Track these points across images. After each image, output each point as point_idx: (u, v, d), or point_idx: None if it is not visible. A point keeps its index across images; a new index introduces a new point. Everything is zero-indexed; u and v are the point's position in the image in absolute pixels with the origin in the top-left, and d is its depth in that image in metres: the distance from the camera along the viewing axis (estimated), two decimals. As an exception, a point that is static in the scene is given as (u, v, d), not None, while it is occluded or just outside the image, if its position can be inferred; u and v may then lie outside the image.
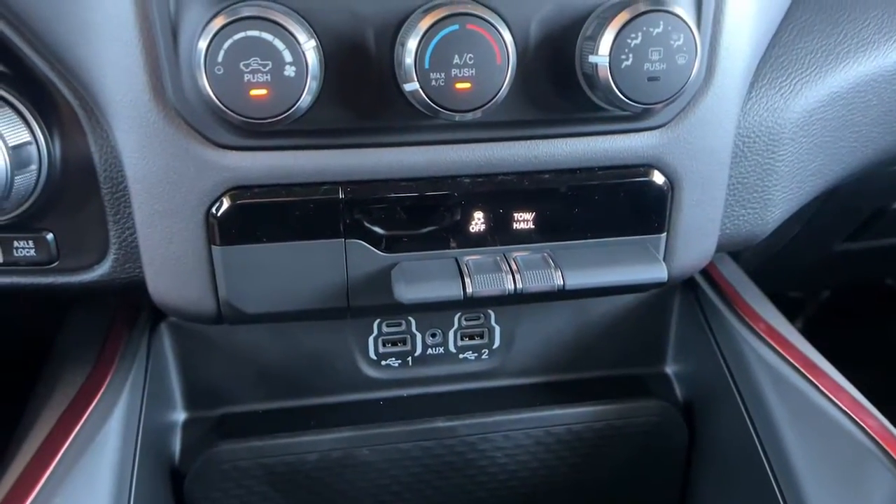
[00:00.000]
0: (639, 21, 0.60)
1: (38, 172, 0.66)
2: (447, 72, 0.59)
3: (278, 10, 0.58)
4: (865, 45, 0.80)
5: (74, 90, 0.67)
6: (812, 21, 0.80)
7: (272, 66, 0.57)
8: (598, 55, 0.61)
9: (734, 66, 0.71)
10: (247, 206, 0.66)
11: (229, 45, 0.56)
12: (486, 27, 0.59)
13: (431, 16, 0.58)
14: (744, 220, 0.80)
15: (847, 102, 0.80)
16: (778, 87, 0.77)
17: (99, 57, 0.63)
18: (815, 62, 0.78)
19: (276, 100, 0.58)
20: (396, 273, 0.69)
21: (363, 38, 0.62)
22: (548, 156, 0.69)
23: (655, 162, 0.71)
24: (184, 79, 0.61)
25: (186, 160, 0.64)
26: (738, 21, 0.70)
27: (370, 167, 0.67)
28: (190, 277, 0.69)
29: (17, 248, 0.70)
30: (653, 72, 0.61)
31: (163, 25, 0.60)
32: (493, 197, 0.70)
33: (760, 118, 0.76)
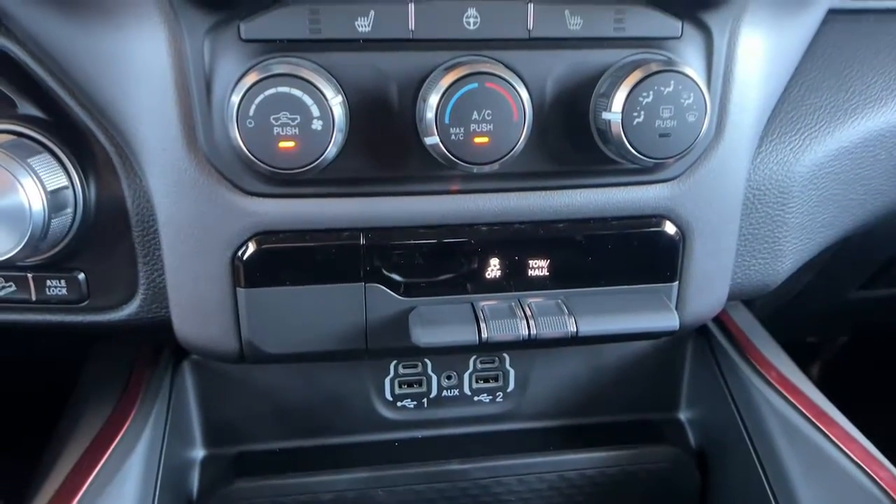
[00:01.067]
0: (651, 80, 0.63)
1: (73, 215, 0.69)
2: (466, 127, 0.62)
3: (307, 66, 0.61)
4: (873, 102, 0.82)
5: (110, 137, 0.70)
6: (821, 77, 0.82)
7: (300, 120, 0.60)
8: (612, 112, 0.64)
9: (744, 123, 0.73)
10: (271, 251, 0.69)
11: (260, 100, 0.59)
12: (504, 85, 0.61)
13: (452, 74, 0.61)
14: (755, 270, 0.81)
15: (856, 157, 0.82)
16: (787, 142, 0.79)
17: (136, 107, 0.66)
18: (824, 118, 0.80)
19: (304, 152, 0.60)
20: (414, 317, 0.71)
21: (387, 94, 0.65)
22: (562, 206, 0.72)
23: (667, 213, 0.73)
24: (216, 129, 0.64)
25: (215, 206, 0.67)
26: (748, 80, 0.72)
27: (390, 215, 0.69)
28: (215, 317, 0.71)
29: (50, 287, 0.73)
30: (664, 128, 0.64)
31: (197, 79, 0.63)
32: (508, 244, 0.72)
33: (770, 172, 0.78)
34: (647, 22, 0.66)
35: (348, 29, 0.63)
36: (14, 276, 0.72)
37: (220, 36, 0.62)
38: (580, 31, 0.65)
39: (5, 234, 0.64)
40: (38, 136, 0.68)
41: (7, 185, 0.63)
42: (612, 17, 0.66)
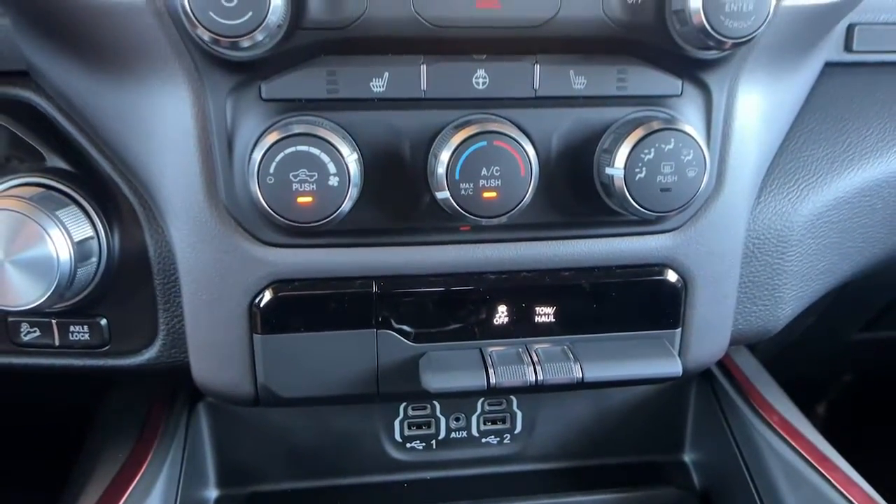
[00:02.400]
0: (652, 138, 0.66)
1: (98, 264, 0.72)
2: (475, 182, 0.64)
3: (325, 125, 0.64)
4: (869, 153, 0.85)
5: (134, 189, 0.73)
6: (818, 129, 0.85)
7: (318, 177, 0.63)
8: (614, 167, 0.67)
9: (743, 175, 0.76)
10: (287, 299, 0.71)
11: (280, 158, 0.62)
12: (512, 143, 0.64)
13: (462, 132, 0.64)
14: (756, 316, 0.83)
15: (853, 206, 0.84)
16: (786, 192, 0.81)
17: (160, 162, 0.69)
18: (821, 169, 0.83)
19: (321, 206, 0.63)
20: (424, 363, 0.73)
21: (400, 149, 0.68)
22: (568, 255, 0.74)
23: (669, 262, 0.76)
24: (236, 183, 0.67)
25: (234, 255, 0.70)
26: (746, 134, 0.75)
27: (402, 264, 0.72)
28: (231, 363, 0.74)
29: (73, 333, 0.75)
30: (665, 184, 0.67)
31: (220, 137, 0.66)
32: (515, 292, 0.74)
33: (769, 221, 0.81)
34: (648, 81, 0.69)
35: (364, 89, 0.66)
36: (39, 322, 0.75)
37: (242, 96, 0.66)
38: (584, 89, 0.69)
39: (34, 283, 0.66)
40: (65, 188, 0.71)
41: (36, 236, 0.66)
42: (615, 76, 0.69)
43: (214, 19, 0.57)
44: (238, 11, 0.57)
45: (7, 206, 0.66)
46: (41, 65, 0.73)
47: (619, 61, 0.69)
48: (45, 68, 0.73)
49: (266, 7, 0.57)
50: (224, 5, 0.57)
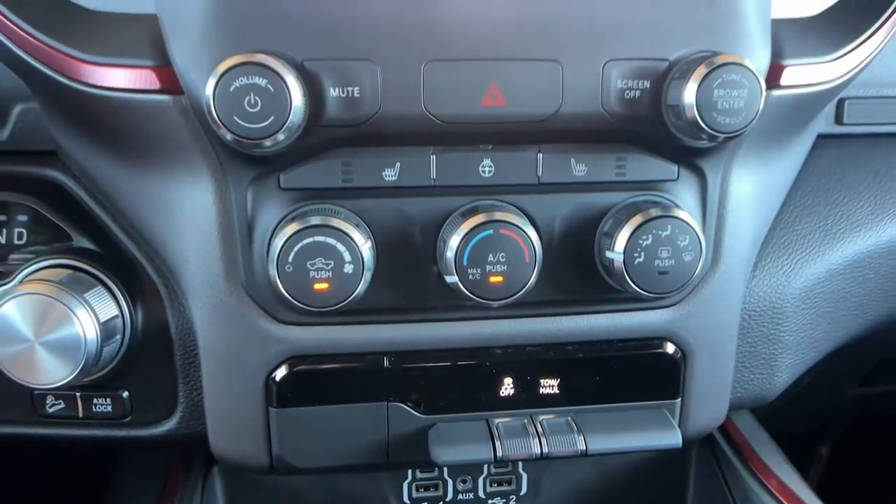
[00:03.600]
0: (650, 224, 0.69)
1: (122, 341, 0.75)
2: (482, 268, 0.68)
3: (340, 214, 0.68)
4: (860, 226, 0.88)
5: (157, 268, 0.77)
6: (811, 203, 0.89)
7: (334, 265, 0.66)
8: (614, 252, 0.70)
9: (738, 252, 0.79)
10: (302, 373, 0.75)
11: (298, 249, 0.65)
12: (517, 231, 0.68)
13: (470, 221, 0.68)
14: (753, 385, 0.86)
15: (846, 277, 0.87)
16: (780, 265, 0.85)
17: (183, 245, 0.73)
18: (814, 242, 0.86)
19: (336, 292, 0.67)
20: (433, 435, 0.76)
21: (411, 234, 0.72)
22: (571, 330, 0.77)
23: (669, 335, 0.79)
24: (255, 267, 0.71)
25: (252, 333, 0.73)
26: (741, 213, 0.78)
27: (412, 339, 0.75)
28: (248, 434, 0.77)
29: (96, 405, 0.78)
30: (662, 267, 0.70)
31: (240, 224, 0.70)
32: (521, 365, 0.78)
33: (765, 294, 0.84)
34: (645, 167, 0.73)
35: (377, 178, 0.70)
36: (64, 395, 0.78)
37: (262, 185, 0.69)
38: (585, 176, 0.72)
39: (62, 362, 0.70)
40: (91, 269, 0.75)
41: (64, 318, 0.70)
42: (614, 163, 0.73)
43: (239, 123, 0.61)
44: (261, 115, 0.61)
45: (37, 289, 0.69)
46: (68, 146, 0.78)
47: (618, 149, 0.72)
48: (72, 150, 0.77)
49: (288, 111, 0.61)
50: (248, 110, 0.61)
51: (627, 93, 0.69)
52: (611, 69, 0.68)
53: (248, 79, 0.60)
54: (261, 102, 0.61)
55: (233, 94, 0.60)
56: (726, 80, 0.65)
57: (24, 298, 0.69)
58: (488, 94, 0.67)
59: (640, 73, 0.68)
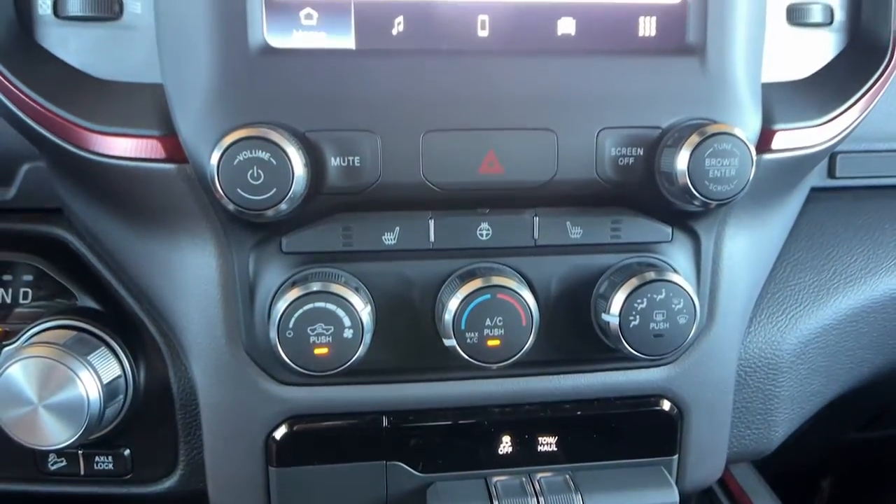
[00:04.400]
0: (644, 288, 0.70)
1: (124, 400, 0.76)
2: (480, 332, 0.69)
3: (340, 278, 0.69)
4: (854, 280, 0.89)
5: (160, 327, 0.78)
6: (804, 258, 0.90)
7: (334, 330, 0.67)
8: (610, 314, 0.71)
9: (733, 309, 0.81)
10: (302, 433, 0.75)
11: (299, 315, 0.66)
12: (514, 295, 0.69)
13: (468, 285, 0.69)
14: (749, 439, 0.87)
15: (840, 332, 0.88)
16: (775, 321, 0.86)
17: (185, 306, 0.74)
18: (808, 297, 0.88)
19: (336, 356, 0.68)
20: (431, 494, 0.77)
21: (409, 296, 0.73)
22: (568, 388, 0.78)
23: (665, 392, 0.80)
24: (256, 330, 0.72)
25: (252, 393, 0.74)
26: (735, 272, 0.80)
27: (410, 399, 0.76)
28: (248, 493, 0.77)
29: (98, 462, 0.79)
30: (657, 330, 0.71)
31: (242, 287, 0.71)
32: (519, 424, 0.78)
33: (760, 350, 0.85)
34: (640, 229, 0.74)
35: (376, 242, 0.71)
36: (66, 452, 0.79)
37: (264, 249, 0.71)
38: (580, 238, 0.74)
39: (65, 424, 0.71)
40: (95, 329, 0.76)
41: (68, 380, 0.71)
42: (609, 225, 0.74)
43: (242, 195, 0.63)
44: (264, 188, 0.63)
45: (41, 352, 0.70)
46: (74, 206, 0.79)
47: (613, 212, 0.74)
48: (78, 209, 0.79)
49: (290, 183, 0.63)
50: (251, 182, 0.62)
51: (621, 160, 0.70)
52: (605, 137, 0.70)
53: (251, 152, 0.62)
54: (263, 175, 0.62)
55: (236, 168, 0.62)
56: (718, 150, 0.67)
57: (29, 362, 0.70)
58: (485, 163, 0.69)
59: (634, 141, 0.70)
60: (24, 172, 0.81)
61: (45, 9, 0.72)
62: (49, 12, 0.71)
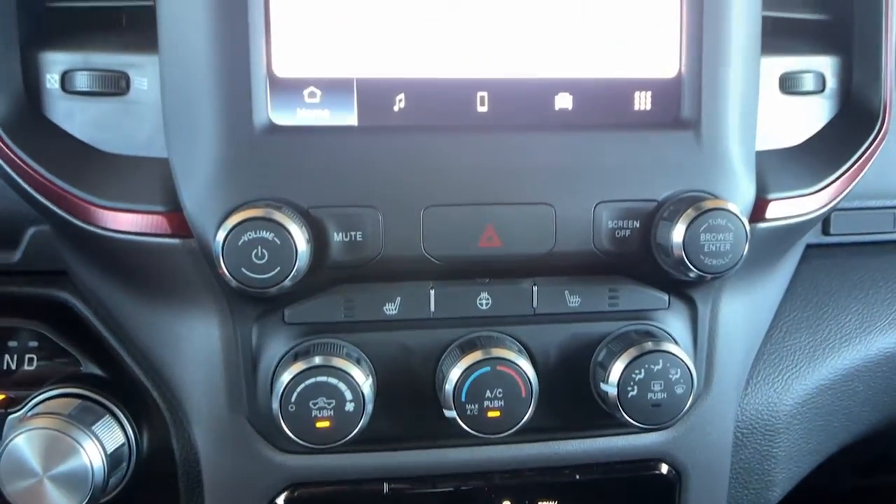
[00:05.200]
0: (642, 359, 0.71)
1: (127, 468, 0.77)
2: (480, 403, 0.70)
3: (342, 351, 0.70)
4: (848, 340, 0.90)
5: (163, 394, 0.79)
6: (800, 318, 0.91)
7: (336, 404, 0.68)
8: (608, 384, 0.72)
9: (730, 372, 0.82)
10: (303, 500, 0.76)
11: (301, 389, 0.67)
12: (513, 367, 0.70)
13: (468, 357, 0.70)
14: (747, 499, 0.88)
15: (836, 391, 0.89)
16: (771, 382, 0.87)
17: (188, 374, 0.75)
18: (804, 358, 0.89)
19: (337, 429, 0.68)
20: (433, 560, 0.78)
21: (410, 365, 0.74)
22: (568, 453, 0.79)
23: (663, 456, 0.81)
24: (259, 399, 0.73)
25: (254, 460, 0.75)
26: (731, 336, 0.81)
27: (411, 466, 0.77)
28: (250, 558, 0.78)
29: (101, 528, 0.79)
30: (655, 400, 0.72)
31: (245, 358, 0.72)
32: (519, 489, 0.79)
33: (757, 411, 0.86)
34: (637, 297, 0.76)
35: (378, 312, 0.72)
36: (69, 519, 0.79)
37: (267, 320, 0.72)
38: (579, 307, 0.75)
39: (70, 495, 0.71)
40: (100, 398, 0.77)
41: (72, 451, 0.71)
42: (607, 294, 0.75)
43: (246, 274, 0.64)
44: (268, 267, 0.64)
45: (45, 424, 0.71)
46: (78, 271, 0.80)
47: (610, 280, 0.75)
48: (82, 275, 0.80)
49: (293, 262, 0.64)
50: (255, 262, 0.64)
51: (618, 232, 0.72)
52: (601, 210, 0.71)
53: (255, 233, 0.63)
54: (268, 255, 0.64)
55: (241, 248, 0.63)
56: (713, 225, 0.68)
57: (33, 433, 0.70)
58: (484, 237, 0.70)
59: (630, 214, 0.71)
60: (30, 236, 0.82)
61: (53, 83, 0.73)
62: (57, 86, 0.73)
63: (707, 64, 0.72)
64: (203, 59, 0.67)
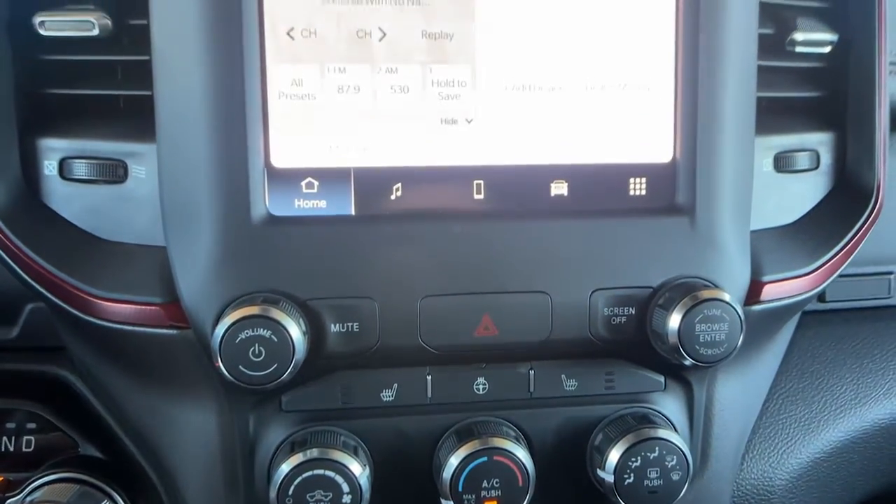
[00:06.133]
0: (638, 447, 0.72)
1: (125, 551, 0.77)
2: (477, 493, 0.70)
3: (340, 440, 0.70)
4: (843, 411, 0.91)
5: (160, 475, 0.79)
6: (795, 389, 0.91)
7: (332, 496, 0.68)
8: (605, 471, 0.72)
9: (725, 449, 0.82)
10: (301, 583, 0.76)
11: (298, 482, 0.67)
12: (510, 457, 0.70)
13: (464, 448, 0.70)
14: (745, 574, 0.88)
15: (831, 463, 0.90)
16: (767, 457, 0.87)
17: (186, 459, 0.75)
18: (799, 430, 0.89)
19: (335, 523, 0.69)
20: None
21: (407, 450, 0.74)
22: (567, 538, 0.79)
23: (660, 536, 0.81)
24: (256, 485, 0.73)
25: (253, 545, 0.75)
26: (727, 414, 0.81)
27: (409, 547, 0.77)
28: None
29: None
30: (651, 487, 0.72)
31: (242, 445, 0.72)
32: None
33: (752, 485, 0.86)
34: (633, 380, 0.76)
35: (375, 399, 0.72)
36: None
37: (264, 408, 0.72)
38: (575, 390, 0.75)
39: (66, 584, 0.71)
40: (98, 482, 0.77)
41: (70, 539, 0.71)
42: (603, 377, 0.75)
43: (243, 371, 0.64)
44: (265, 364, 0.64)
45: (44, 512, 0.71)
46: (75, 349, 0.80)
47: (606, 363, 0.75)
48: (80, 355, 0.80)
49: (290, 359, 0.64)
50: (252, 360, 0.64)
51: (613, 319, 0.72)
52: (597, 298, 0.72)
53: (252, 331, 0.64)
54: (265, 352, 0.64)
55: (238, 346, 0.63)
56: (707, 315, 0.69)
57: (31, 523, 0.71)
58: (481, 326, 0.70)
59: (626, 301, 0.72)
60: (28, 312, 0.82)
61: (51, 169, 0.73)
62: (55, 173, 0.73)
63: (701, 149, 0.73)
64: (201, 151, 0.68)
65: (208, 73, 0.67)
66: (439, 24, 0.69)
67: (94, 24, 0.70)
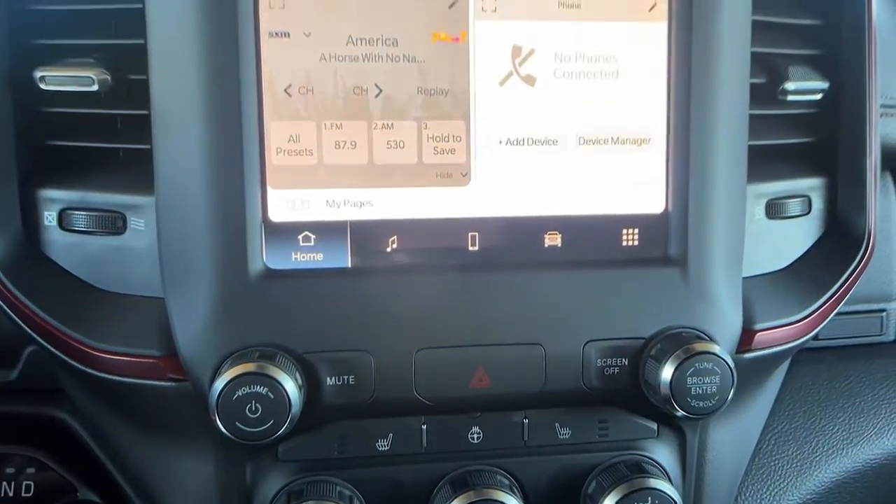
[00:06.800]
0: (631, 496, 0.72)
1: None
2: (472, 543, 0.71)
3: (335, 489, 0.71)
4: (836, 451, 0.92)
5: (161, 523, 0.80)
6: (787, 429, 0.92)
7: (328, 548, 0.69)
8: (598, 522, 0.73)
9: (719, 493, 0.83)
10: None
11: (294, 525, 0.69)
12: (506, 499, 0.71)
13: (459, 499, 0.71)
14: None
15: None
16: (759, 499, 0.88)
17: None
18: (792, 471, 0.90)
19: (329, 572, 0.69)
20: None
21: (402, 498, 0.75)
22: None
23: (654, 577, 0.81)
24: (253, 531, 0.74)
25: (250, 589, 0.76)
26: (719, 461, 0.82)
27: None
28: None
29: None
30: (644, 537, 0.73)
31: (239, 495, 0.73)
32: None
33: (745, 530, 0.87)
34: (627, 427, 0.77)
35: (370, 448, 0.73)
36: None
37: (261, 457, 0.73)
38: (569, 438, 0.76)
39: None
40: (96, 528, 0.78)
41: (68, 587, 0.72)
42: (596, 424, 0.76)
43: (240, 427, 0.65)
44: (261, 420, 0.65)
45: (43, 561, 0.72)
46: (73, 394, 0.81)
47: (600, 412, 0.76)
48: (77, 399, 0.81)
49: (287, 415, 0.65)
50: (249, 416, 0.65)
51: (606, 370, 0.73)
52: (590, 349, 0.72)
53: (249, 388, 0.64)
54: (261, 409, 0.64)
55: (235, 403, 0.64)
56: (699, 369, 0.69)
57: (30, 573, 0.71)
58: (476, 378, 0.71)
59: (618, 352, 0.73)
60: (28, 354, 0.83)
61: (51, 220, 0.74)
62: (54, 224, 0.74)
63: (693, 201, 0.74)
64: (199, 205, 0.68)
65: (207, 128, 0.67)
66: (434, 81, 0.70)
67: (94, 80, 0.71)
